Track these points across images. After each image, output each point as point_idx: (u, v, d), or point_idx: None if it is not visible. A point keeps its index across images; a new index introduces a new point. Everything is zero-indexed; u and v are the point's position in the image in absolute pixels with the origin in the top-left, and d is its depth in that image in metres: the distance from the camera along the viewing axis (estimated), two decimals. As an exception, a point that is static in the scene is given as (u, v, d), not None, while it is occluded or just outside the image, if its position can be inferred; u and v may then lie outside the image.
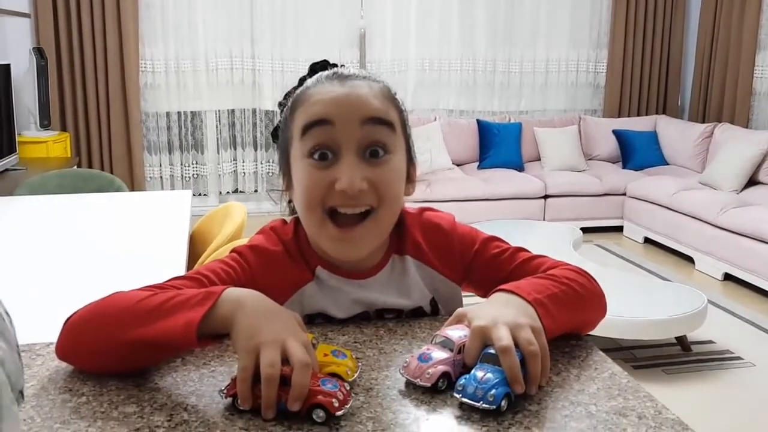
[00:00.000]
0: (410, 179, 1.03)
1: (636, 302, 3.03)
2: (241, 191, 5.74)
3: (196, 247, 2.44)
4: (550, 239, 4.03)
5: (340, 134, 0.91)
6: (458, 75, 5.90)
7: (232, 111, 5.57)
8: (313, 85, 0.96)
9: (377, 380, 0.83)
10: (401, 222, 1.04)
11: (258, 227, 1.07)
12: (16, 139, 4.51)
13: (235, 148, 5.64)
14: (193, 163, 5.59)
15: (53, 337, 0.86)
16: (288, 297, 0.98)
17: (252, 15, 5.40)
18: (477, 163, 5.60)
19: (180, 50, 5.32)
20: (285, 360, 0.73)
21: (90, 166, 5.25)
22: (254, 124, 5.63)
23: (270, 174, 5.74)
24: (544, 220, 5.17)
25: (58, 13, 4.96)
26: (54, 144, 4.81)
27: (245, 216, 2.25)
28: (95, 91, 5.13)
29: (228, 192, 5.73)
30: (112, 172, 5.24)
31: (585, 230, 5.03)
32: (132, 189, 5.32)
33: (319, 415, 0.72)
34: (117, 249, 2.02)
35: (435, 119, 5.63)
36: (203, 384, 0.81)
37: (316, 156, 0.91)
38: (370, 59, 5.70)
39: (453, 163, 5.52)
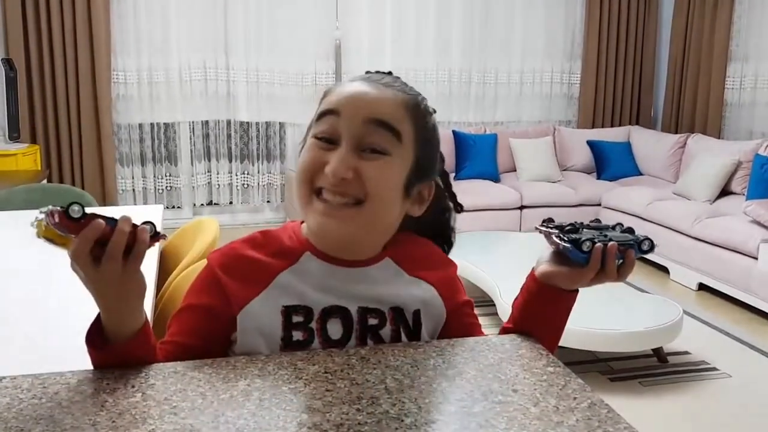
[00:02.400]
0: (420, 198, 1.06)
1: (612, 314, 3.03)
2: (215, 203, 5.67)
3: (167, 263, 2.38)
4: (529, 250, 4.03)
5: (343, 126, 0.96)
6: (434, 86, 5.90)
7: (206, 122, 5.50)
8: (346, 82, 1.03)
9: (348, 415, 0.79)
10: (407, 238, 1.09)
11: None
12: (-18, 153, 4.40)
13: (209, 160, 5.58)
14: (166, 175, 5.51)
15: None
16: (264, 287, 0.99)
17: (226, 26, 5.35)
18: (453, 174, 5.59)
19: (153, 61, 5.25)
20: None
21: (61, 179, 5.15)
22: (229, 136, 5.57)
23: (246, 186, 5.67)
24: (520, 230, 5.17)
25: (27, 23, 4.87)
26: (23, 157, 4.71)
27: (218, 232, 2.20)
28: (66, 103, 5.04)
29: (202, 204, 5.66)
30: (83, 185, 5.15)
31: (561, 241, 5.04)
32: (104, 202, 5.23)
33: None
34: None
35: (411, 130, 5.60)
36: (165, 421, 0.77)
37: (321, 139, 0.98)
38: (345, 70, 5.68)
39: (429, 174, 5.49)
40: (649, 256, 4.72)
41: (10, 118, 4.76)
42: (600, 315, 2.96)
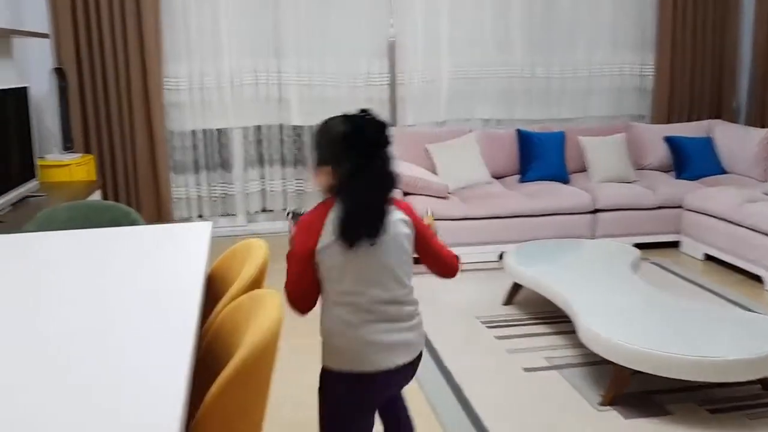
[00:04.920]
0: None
1: (709, 337, 2.68)
2: (269, 210, 5.50)
3: (215, 287, 2.18)
4: (605, 260, 3.69)
5: None
6: (494, 83, 5.60)
7: (259, 127, 5.33)
8: None
9: None
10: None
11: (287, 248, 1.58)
12: (36, 164, 4.33)
13: (262, 166, 5.41)
14: (220, 183, 5.37)
15: None
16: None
17: (276, 29, 5.17)
18: (518, 176, 5.27)
19: (204, 67, 5.12)
20: None
21: (115, 189, 5.06)
22: (281, 141, 5.38)
23: (299, 191, 5.48)
24: (593, 236, 4.81)
25: (78, 32, 4.79)
26: (77, 167, 4.63)
27: (267, 255, 1.97)
28: (118, 112, 4.95)
29: (256, 211, 5.50)
30: (137, 194, 5.05)
31: (638, 247, 4.67)
32: (159, 210, 5.12)
33: None
34: (123, 291, 1.77)
35: (470, 130, 5.33)
36: None
37: None
38: (400, 69, 5.42)
39: (492, 177, 5.20)
40: (739, 263, 4.31)
41: (63, 128, 4.69)
42: (696, 339, 2.62)
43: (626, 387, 2.79)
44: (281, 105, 5.29)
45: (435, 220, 2.12)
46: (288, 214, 2.04)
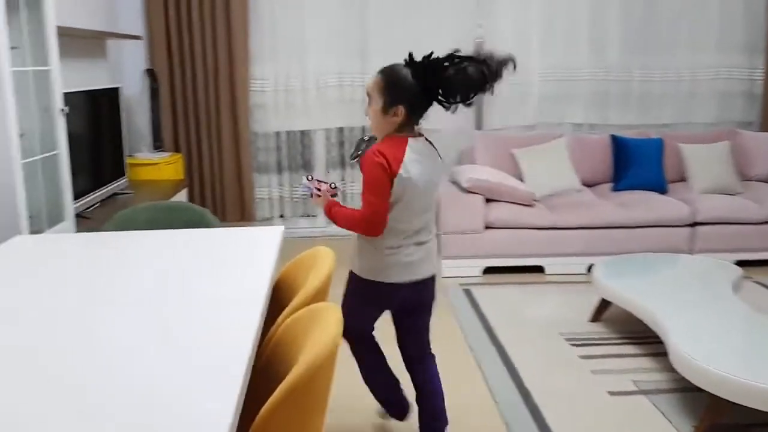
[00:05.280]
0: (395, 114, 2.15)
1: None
2: (350, 213, 5.45)
3: (281, 293, 2.12)
4: (703, 278, 3.40)
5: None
6: (588, 85, 5.34)
7: (341, 129, 5.30)
8: None
9: None
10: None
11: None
12: (126, 162, 4.46)
13: (343, 168, 5.38)
14: (301, 184, 5.37)
15: None
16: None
17: (362, 30, 5.13)
18: (611, 185, 4.99)
19: (289, 69, 5.14)
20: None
21: (201, 187, 5.16)
22: (364, 143, 5.33)
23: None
24: (691, 252, 4.49)
25: (170, 35, 4.91)
26: (166, 165, 4.75)
27: (333, 264, 1.89)
28: (206, 112, 5.04)
29: (337, 214, 5.46)
30: (223, 193, 5.13)
31: (740, 264, 4.32)
32: (242, 209, 5.18)
33: None
34: (187, 294, 1.75)
35: (561, 135, 5.09)
36: None
37: None
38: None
39: (582, 185, 4.95)
40: None
41: (154, 127, 4.81)
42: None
43: (722, 418, 2.54)
44: (364, 106, 5.23)
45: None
46: (307, 177, 2.42)
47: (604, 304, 3.66)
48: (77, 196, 3.52)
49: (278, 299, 2.11)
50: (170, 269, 2.01)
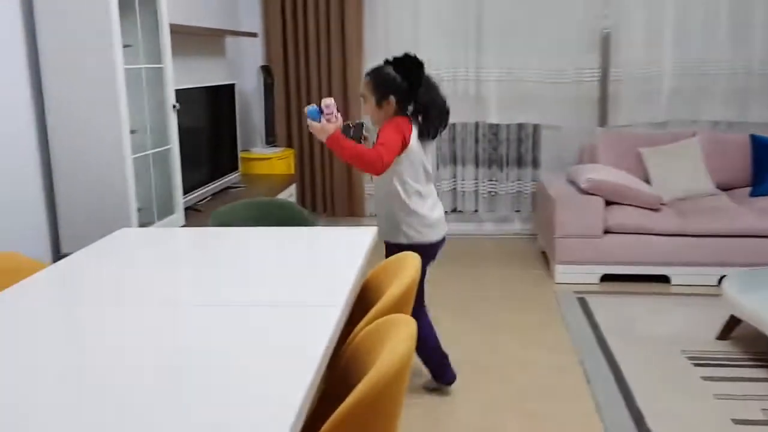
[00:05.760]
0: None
1: None
2: (459, 211, 5.31)
3: (367, 298, 2.04)
4: None
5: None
6: (727, 79, 4.87)
7: (453, 125, 5.16)
8: None
9: None
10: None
11: (483, 251, 3.48)
12: (239, 157, 4.57)
13: (455, 165, 5.23)
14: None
15: None
16: None
17: (478, 22, 4.95)
18: (749, 189, 4.52)
19: (402, 62, 5.06)
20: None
21: (312, 182, 5.21)
22: (476, 140, 5.16)
23: (492, 193, 5.22)
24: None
25: (286, 32, 4.98)
26: (278, 160, 4.83)
27: (415, 274, 1.78)
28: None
29: (446, 212, 5.32)
30: (332, 189, 5.15)
31: None
32: (351, 205, 5.17)
33: None
34: (270, 293, 1.75)
35: (694, 134, 4.67)
36: None
37: None
38: (614, 64, 4.92)
39: (717, 188, 4.51)
40: None
41: (267, 123, 4.91)
42: None
43: None
44: (478, 102, 5.07)
45: None
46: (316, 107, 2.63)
47: (734, 321, 3.30)
48: (191, 189, 3.64)
49: (364, 302, 2.04)
50: (257, 266, 2.00)
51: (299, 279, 1.88)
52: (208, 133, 4.04)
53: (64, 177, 2.83)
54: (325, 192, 5.19)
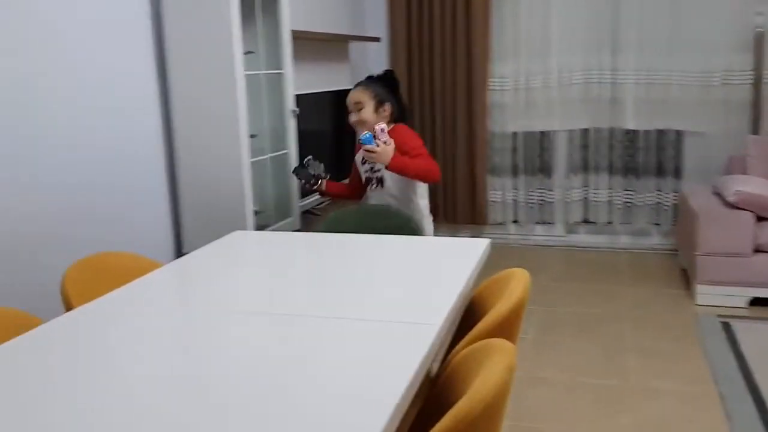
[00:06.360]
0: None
1: None
2: (591, 221, 5.00)
3: (475, 312, 1.91)
4: None
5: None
6: None
7: (586, 131, 4.87)
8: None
9: None
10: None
11: (616, 266, 3.28)
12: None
13: (586, 173, 4.93)
14: (538, 188, 5.05)
15: None
16: None
17: (615, 22, 4.63)
18: None
19: (530, 66, 4.85)
20: None
21: (434, 188, 5.06)
22: (611, 146, 4.83)
23: (628, 204, 4.87)
24: None
25: (411, 35, 4.93)
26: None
27: (524, 293, 1.63)
28: (442, 112, 4.97)
29: (576, 222, 5.05)
30: (454, 194, 5.03)
31: None
32: (474, 212, 5.02)
33: None
34: (373, 302, 1.70)
35: None
36: None
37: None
38: (771, 64, 4.43)
39: None
40: None
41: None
42: None
43: None
44: (614, 106, 4.74)
45: None
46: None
47: None
48: (310, 192, 3.66)
49: (471, 317, 1.91)
50: (361, 275, 1.96)
51: (401, 292, 1.79)
52: (329, 137, 4.06)
53: (187, 180, 2.93)
54: (446, 197, 5.08)
